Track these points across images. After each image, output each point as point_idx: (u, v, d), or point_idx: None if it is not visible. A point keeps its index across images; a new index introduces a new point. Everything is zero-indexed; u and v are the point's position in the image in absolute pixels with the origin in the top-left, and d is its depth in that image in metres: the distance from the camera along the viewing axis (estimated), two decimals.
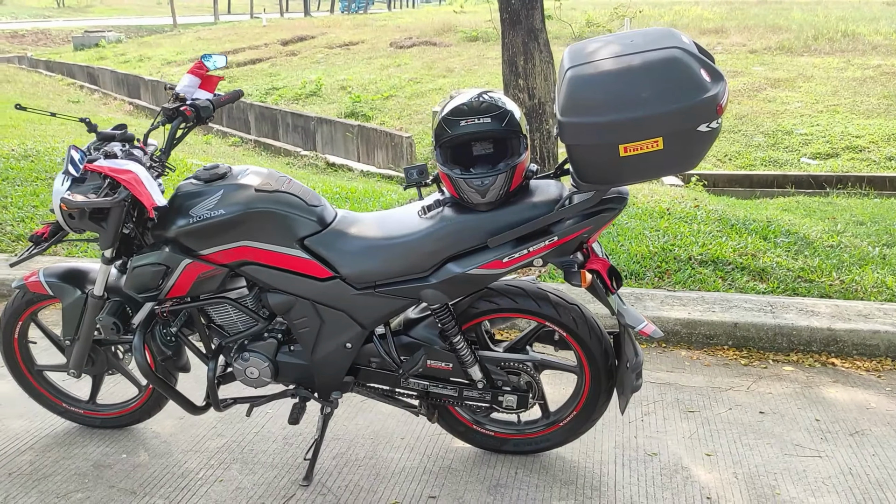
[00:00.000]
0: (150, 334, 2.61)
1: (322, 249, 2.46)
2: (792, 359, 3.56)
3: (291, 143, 12.64)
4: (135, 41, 29.40)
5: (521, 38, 5.94)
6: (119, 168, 2.30)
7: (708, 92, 2.02)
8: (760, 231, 5.07)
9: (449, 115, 2.32)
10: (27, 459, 2.79)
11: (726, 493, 2.58)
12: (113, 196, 2.30)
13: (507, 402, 2.59)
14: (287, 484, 2.65)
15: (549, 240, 2.32)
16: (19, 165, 6.77)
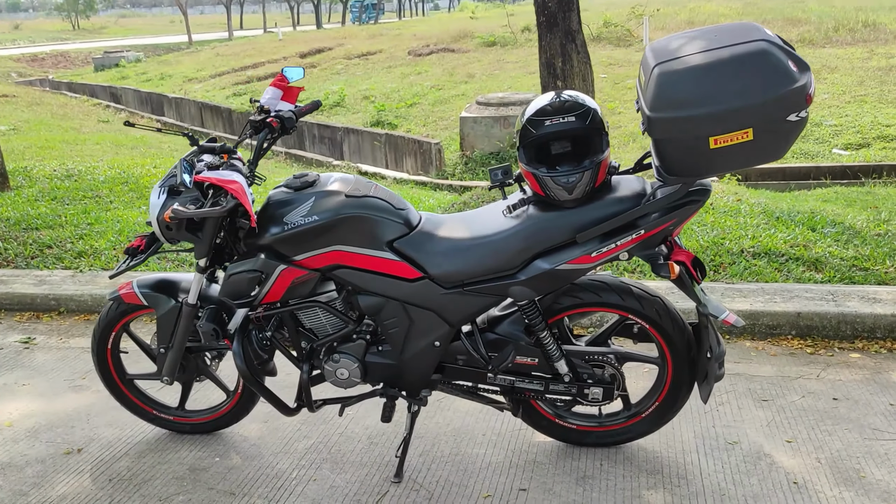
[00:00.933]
0: (247, 339, 2.69)
1: (411, 251, 2.53)
2: (857, 346, 3.59)
3: (319, 154, 12.77)
4: (153, 59, 29.76)
5: (559, 41, 6.00)
6: (226, 179, 2.38)
7: (797, 82, 2.07)
8: (807, 222, 5.09)
9: (534, 115, 2.39)
10: (125, 465, 2.88)
11: (812, 478, 2.62)
12: (222, 205, 2.39)
13: (593, 395, 2.64)
14: (379, 481, 2.72)
15: (636, 233, 2.37)
16: (64, 185, 6.92)
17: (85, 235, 5.26)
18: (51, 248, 5.10)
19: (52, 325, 4.24)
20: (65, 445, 3.02)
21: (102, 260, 4.85)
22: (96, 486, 2.75)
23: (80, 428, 3.15)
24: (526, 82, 14.01)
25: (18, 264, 4.89)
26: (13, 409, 3.32)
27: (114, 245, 5.08)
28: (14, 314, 4.40)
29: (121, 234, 5.24)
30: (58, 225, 5.55)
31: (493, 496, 2.61)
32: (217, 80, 20.83)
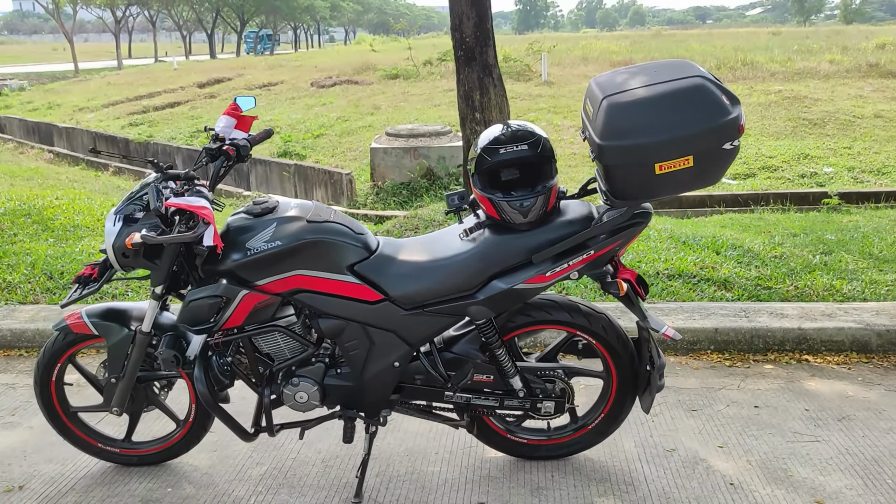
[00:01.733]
0: (207, 365, 2.68)
1: (371, 274, 2.61)
2: (770, 358, 3.89)
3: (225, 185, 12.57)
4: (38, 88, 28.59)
5: (477, 74, 6.22)
6: (197, 205, 2.40)
7: (731, 114, 2.30)
8: (710, 246, 5.46)
9: (489, 144, 2.53)
10: (72, 500, 2.80)
11: (746, 479, 2.83)
12: (195, 230, 2.40)
13: (546, 408, 2.78)
14: (339, 502, 2.75)
15: (587, 253, 2.54)
16: None
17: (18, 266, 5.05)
18: None
19: None
20: (3, 483, 2.91)
21: (19, 294, 4.67)
22: None
23: (18, 465, 3.04)
24: (432, 114, 14.28)
25: None
26: None
27: (28, 278, 4.89)
28: None
29: (34, 268, 5.05)
30: None
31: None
32: (110, 109, 20.20)
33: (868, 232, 6.14)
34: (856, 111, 13.04)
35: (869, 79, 15.72)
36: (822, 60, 17.63)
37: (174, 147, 14.34)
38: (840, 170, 10.43)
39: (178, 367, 2.67)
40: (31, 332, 4.18)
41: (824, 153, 11.16)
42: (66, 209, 6.99)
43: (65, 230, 6.27)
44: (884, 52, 19.04)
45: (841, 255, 5.27)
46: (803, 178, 10.31)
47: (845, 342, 3.90)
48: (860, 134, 11.92)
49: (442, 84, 17.76)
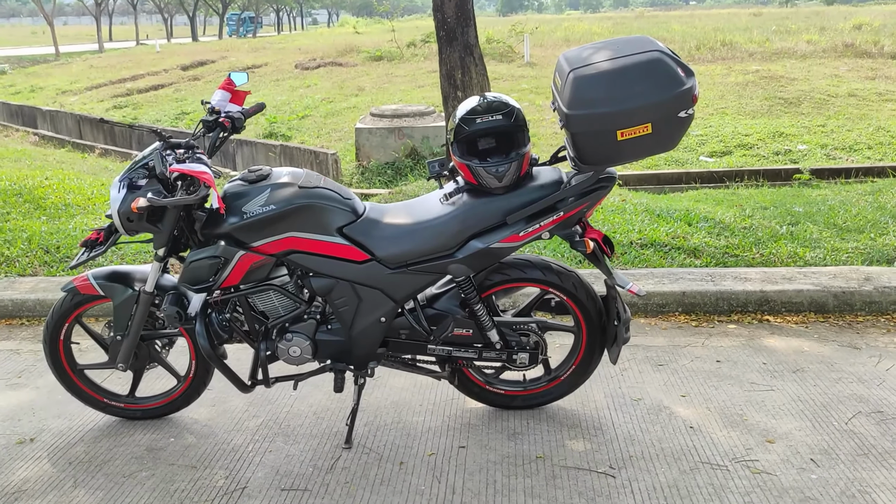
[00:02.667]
0: (208, 321, 2.89)
1: (359, 236, 2.83)
2: (733, 318, 4.14)
3: None
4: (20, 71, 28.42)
5: (458, 54, 6.42)
6: (199, 170, 2.60)
7: (685, 85, 2.52)
8: (683, 218, 5.70)
9: (467, 115, 2.74)
10: (81, 450, 3.01)
11: (704, 422, 3.08)
12: (196, 193, 2.60)
13: (521, 360, 3.01)
14: (331, 449, 2.98)
15: (556, 215, 2.76)
16: None
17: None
18: None
19: None
20: (15, 436, 3.12)
21: (18, 267, 4.85)
22: (57, 468, 2.88)
23: (28, 420, 3.24)
24: (416, 95, 14.44)
25: None
26: None
27: (25, 252, 5.07)
28: None
29: (31, 243, 5.22)
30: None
31: (436, 454, 2.93)
32: (94, 92, 20.20)
33: (835, 204, 6.40)
34: (830, 90, 13.33)
35: (844, 58, 16.02)
36: (799, 41, 17.91)
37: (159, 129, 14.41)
38: (814, 147, 10.72)
39: (180, 324, 2.87)
40: (31, 301, 4.36)
41: (799, 131, 11.44)
42: (57, 189, 7.13)
43: (56, 209, 6.42)
44: (860, 32, 19.35)
45: (807, 225, 5.52)
46: (777, 155, 10.59)
47: (804, 303, 4.15)
48: (834, 112, 12.21)
49: (425, 65, 17.90)
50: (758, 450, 2.89)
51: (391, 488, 2.73)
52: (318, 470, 2.85)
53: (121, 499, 2.69)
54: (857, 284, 4.18)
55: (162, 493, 2.72)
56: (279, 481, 2.78)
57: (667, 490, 2.66)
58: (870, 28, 20.12)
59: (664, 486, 2.68)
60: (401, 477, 2.79)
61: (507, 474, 2.79)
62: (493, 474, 2.79)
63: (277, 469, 2.85)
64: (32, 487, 2.77)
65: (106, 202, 6.75)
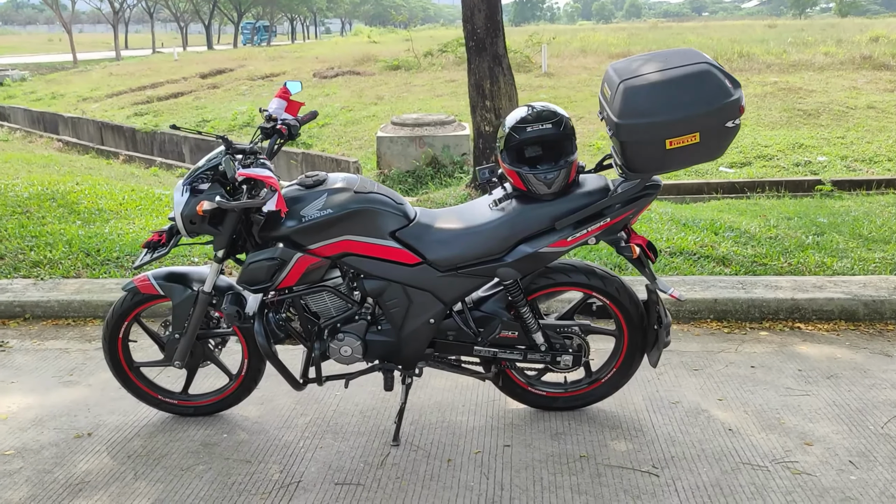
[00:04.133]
0: (266, 321, 2.99)
1: (411, 240, 2.93)
2: (765, 325, 4.21)
3: None
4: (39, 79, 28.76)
5: (487, 64, 6.54)
6: (265, 175, 2.71)
7: (733, 96, 2.61)
8: (709, 227, 5.79)
9: (518, 123, 2.84)
10: (138, 444, 3.11)
11: (743, 425, 3.16)
12: (262, 197, 2.71)
13: (565, 362, 3.09)
14: (379, 446, 3.07)
15: (603, 221, 2.86)
16: None
17: (34, 247, 5.34)
18: (3, 258, 5.16)
19: (22, 331, 4.35)
20: (73, 431, 3.22)
21: (61, 269, 4.97)
22: (116, 461, 2.98)
23: (84, 416, 3.35)
24: (435, 104, 14.57)
25: None
26: (9, 402, 3.47)
27: (67, 255, 5.19)
28: None
29: (71, 246, 5.34)
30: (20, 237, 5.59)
31: (482, 451, 3.01)
32: (114, 99, 20.45)
33: (859, 215, 6.47)
34: (849, 102, 13.38)
35: (862, 70, 16.06)
36: (816, 53, 17.96)
37: (181, 136, 14.60)
38: (833, 159, 10.77)
39: (240, 323, 2.97)
40: (77, 303, 4.48)
41: (818, 143, 11.50)
42: (89, 194, 7.27)
43: (90, 213, 6.55)
44: (877, 44, 19.38)
45: (832, 235, 5.59)
46: (797, 166, 10.65)
47: (834, 311, 4.22)
48: (853, 124, 12.26)
49: (443, 75, 18.05)
50: (797, 452, 2.96)
51: (441, 484, 2.81)
52: (369, 466, 2.94)
53: (181, 491, 2.79)
54: (887, 293, 4.25)
55: (220, 486, 2.82)
56: (332, 476, 2.87)
57: (710, 489, 2.73)
58: (887, 40, 20.14)
59: (707, 485, 2.75)
60: (450, 473, 2.88)
61: (552, 472, 2.87)
62: (539, 472, 2.87)
63: (329, 464, 2.95)
64: (95, 479, 2.87)
65: (137, 208, 6.88)
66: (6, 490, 2.80)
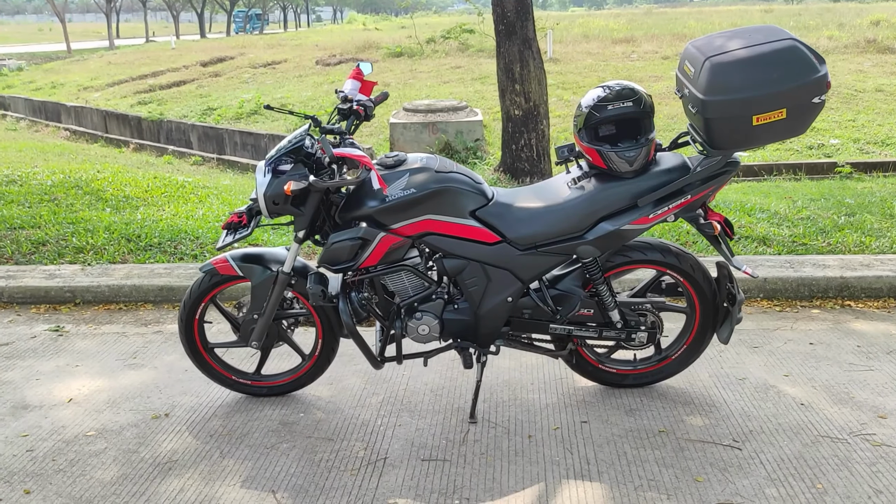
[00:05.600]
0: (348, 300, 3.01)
1: (491, 219, 2.94)
2: (815, 304, 4.26)
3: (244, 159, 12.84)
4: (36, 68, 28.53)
5: (517, 48, 6.54)
6: (359, 154, 2.72)
7: (820, 72, 2.64)
8: (741, 209, 5.82)
9: (598, 102, 2.86)
10: (218, 424, 3.13)
11: (814, 400, 3.20)
12: (358, 175, 2.72)
13: (639, 338, 3.13)
14: (457, 423, 3.10)
15: (684, 198, 2.88)
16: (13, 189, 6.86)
17: (74, 233, 5.33)
18: (45, 245, 5.15)
19: (75, 315, 4.36)
20: (150, 412, 3.24)
21: (106, 255, 4.97)
22: (200, 441, 3.00)
23: (157, 397, 3.36)
24: (443, 91, 14.55)
25: (18, 260, 4.93)
26: (79, 385, 3.49)
27: (109, 241, 5.19)
28: (29, 307, 4.48)
29: (112, 232, 5.34)
30: (37, 225, 5.57)
31: (561, 428, 3.05)
32: (116, 88, 20.30)
33: (885, 196, 6.51)
34: (857, 85, 13.42)
35: (867, 54, 16.09)
36: (820, 37, 17.96)
37: (189, 124, 14.54)
38: (846, 141, 10.81)
39: (324, 301, 2.99)
40: (128, 287, 4.49)
41: (829, 126, 11.53)
42: (113, 181, 7.26)
43: (118, 200, 6.54)
44: (879, 28, 19.40)
45: (864, 216, 5.63)
46: (811, 149, 10.69)
47: (883, 289, 4.27)
48: (863, 107, 12.30)
49: (448, 61, 17.99)
50: (872, 424, 3.00)
51: (527, 458, 2.84)
52: (451, 443, 2.97)
53: (270, 468, 2.82)
54: None
55: (308, 463, 2.84)
56: (417, 452, 2.90)
57: (794, 461, 2.77)
58: (888, 24, 20.17)
59: (791, 458, 2.79)
60: (533, 449, 2.91)
61: (634, 447, 2.91)
62: (622, 447, 2.91)
63: (412, 441, 2.98)
64: (182, 458, 2.89)
65: (163, 195, 6.88)
66: (96, 470, 2.82)
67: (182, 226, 5.51)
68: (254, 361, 3.40)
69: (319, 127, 2.91)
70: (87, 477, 2.78)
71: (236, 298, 3.68)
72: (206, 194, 6.87)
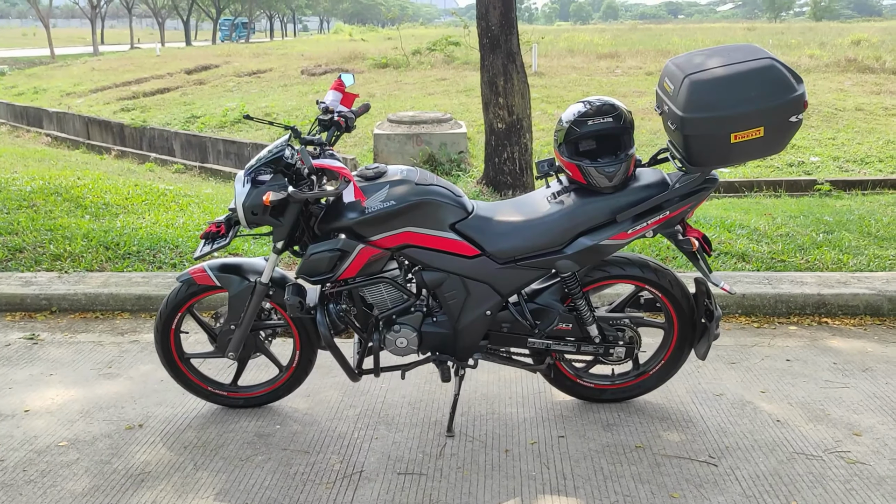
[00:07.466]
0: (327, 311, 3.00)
1: (470, 232, 2.94)
2: (792, 320, 4.28)
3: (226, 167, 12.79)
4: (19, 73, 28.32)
5: (501, 61, 6.57)
6: (338, 166, 2.71)
7: (797, 91, 2.66)
8: (721, 225, 5.86)
9: (578, 117, 2.87)
10: (192, 436, 3.10)
11: (790, 417, 3.21)
12: (336, 187, 2.71)
13: (617, 353, 3.13)
14: (434, 437, 3.09)
15: (662, 214, 2.89)
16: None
17: (52, 240, 5.28)
18: (22, 251, 5.10)
19: (51, 324, 4.31)
20: (124, 423, 3.20)
21: (83, 263, 4.92)
22: (174, 452, 2.97)
23: (131, 407, 3.32)
24: (427, 102, 14.57)
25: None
26: (52, 394, 3.44)
27: (87, 249, 5.14)
28: (4, 314, 4.43)
29: (90, 240, 5.29)
30: (14, 231, 5.52)
31: (538, 442, 3.04)
32: (99, 94, 20.18)
33: (863, 214, 6.58)
34: (838, 104, 13.58)
35: (848, 73, 16.30)
36: (801, 55, 18.20)
37: (171, 132, 14.48)
38: (826, 159, 10.92)
39: (301, 313, 2.97)
40: (104, 296, 4.44)
41: (810, 143, 11.65)
42: (93, 188, 7.20)
43: (97, 208, 6.48)
44: (860, 47, 19.68)
45: (842, 233, 5.68)
46: (791, 166, 10.79)
47: (860, 306, 4.30)
48: (843, 126, 12.44)
49: (433, 73, 18.05)
50: (847, 442, 3.02)
51: (503, 473, 2.83)
52: (428, 456, 2.95)
53: (244, 481, 2.79)
54: None
55: (283, 476, 2.82)
56: (393, 465, 2.88)
57: (770, 478, 2.78)
58: (868, 44, 20.47)
59: (766, 475, 2.80)
60: (509, 463, 2.90)
61: (611, 462, 2.90)
62: (598, 462, 2.91)
63: (388, 455, 2.96)
64: (155, 470, 2.86)
65: (143, 202, 6.83)
66: (68, 481, 2.78)
67: (162, 234, 5.47)
68: (230, 372, 3.37)
69: (299, 137, 2.91)
70: (58, 488, 2.75)
71: (214, 308, 3.65)
72: (187, 203, 6.83)
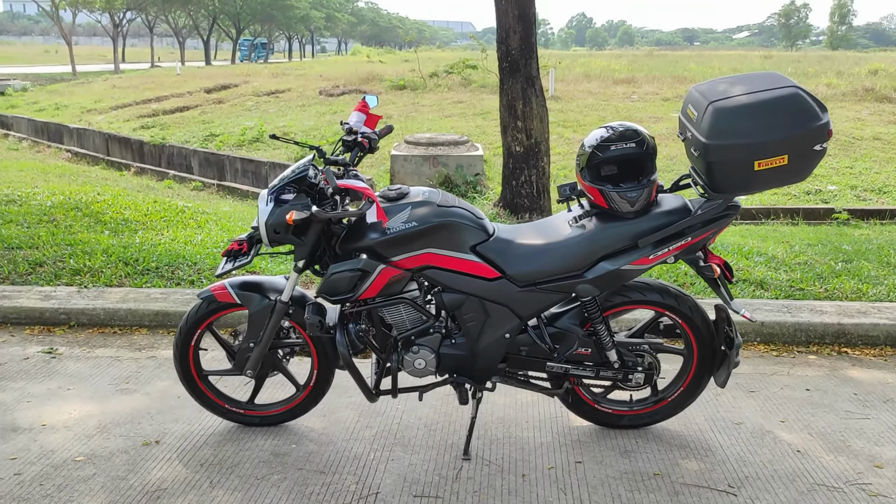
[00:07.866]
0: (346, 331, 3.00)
1: (491, 254, 2.95)
2: (812, 349, 4.25)
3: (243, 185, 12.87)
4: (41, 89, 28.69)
5: (520, 85, 6.60)
6: (362, 186, 2.73)
7: (822, 120, 2.66)
8: (738, 252, 5.83)
9: (602, 142, 2.88)
10: (208, 453, 3.10)
11: (810, 447, 3.18)
12: (360, 207, 2.73)
13: (636, 379, 3.11)
14: (450, 459, 3.07)
15: (684, 240, 2.89)
16: (12, 209, 6.86)
17: (72, 255, 5.32)
18: (42, 265, 5.14)
19: (69, 338, 4.33)
20: (140, 438, 3.20)
21: (103, 278, 4.95)
22: (190, 469, 2.97)
23: (148, 423, 3.33)
24: (444, 125, 14.64)
25: (14, 280, 4.92)
26: (70, 409, 3.45)
27: (106, 264, 5.18)
28: (24, 328, 4.46)
29: (109, 255, 5.33)
30: (35, 246, 5.56)
31: (555, 467, 3.02)
32: (119, 112, 20.40)
33: (882, 244, 6.54)
34: (855, 133, 13.54)
35: (865, 102, 16.26)
36: (819, 84, 18.18)
37: (190, 150, 14.59)
38: (843, 188, 10.88)
39: (321, 332, 2.97)
40: (123, 311, 4.47)
41: (827, 172, 11.61)
42: (113, 204, 7.26)
43: (116, 224, 6.54)
44: (877, 77, 19.64)
45: (861, 262, 5.64)
46: (808, 194, 10.75)
47: (880, 337, 4.26)
48: (860, 154, 12.40)
49: (450, 96, 18.14)
50: (868, 474, 2.98)
51: (520, 498, 2.81)
52: (444, 479, 2.93)
53: (259, 500, 2.78)
54: None
55: (298, 496, 2.81)
56: (409, 488, 2.87)
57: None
58: (885, 73, 20.42)
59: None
60: (526, 488, 2.88)
61: (629, 489, 2.88)
62: (616, 489, 2.88)
63: (404, 477, 2.94)
64: (171, 487, 2.85)
65: (162, 219, 6.88)
66: (84, 496, 2.78)
67: (180, 251, 5.50)
68: (248, 390, 3.37)
69: (324, 158, 2.93)
70: (74, 503, 2.74)
71: (233, 326, 3.66)
72: (205, 220, 6.87)
